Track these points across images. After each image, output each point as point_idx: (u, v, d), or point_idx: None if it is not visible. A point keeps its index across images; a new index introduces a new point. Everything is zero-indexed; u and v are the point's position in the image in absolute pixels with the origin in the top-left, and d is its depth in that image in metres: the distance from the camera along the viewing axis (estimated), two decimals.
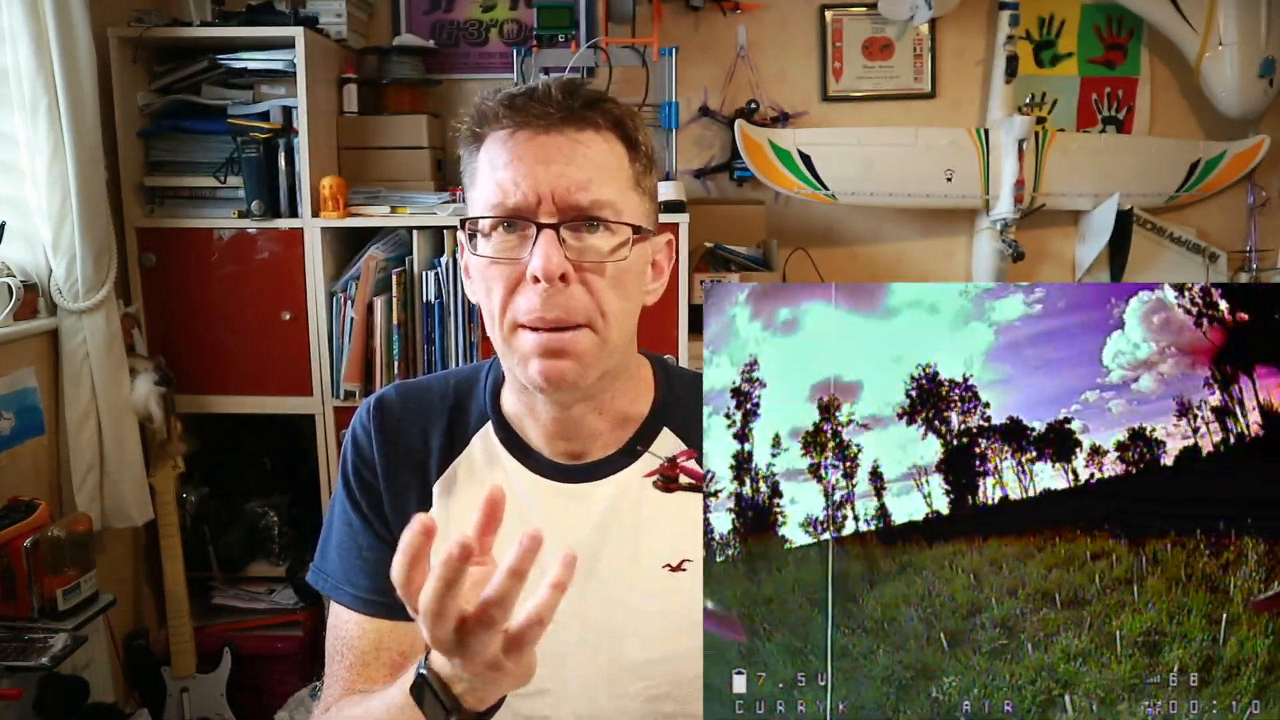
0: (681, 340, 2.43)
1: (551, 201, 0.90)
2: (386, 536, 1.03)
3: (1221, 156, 2.91)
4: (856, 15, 2.90)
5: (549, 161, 0.90)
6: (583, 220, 0.91)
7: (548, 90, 0.92)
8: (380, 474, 1.04)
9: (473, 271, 0.97)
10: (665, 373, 1.08)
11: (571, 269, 0.90)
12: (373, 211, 2.47)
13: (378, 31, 2.89)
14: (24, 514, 1.93)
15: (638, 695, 0.99)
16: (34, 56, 2.03)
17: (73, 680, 2.02)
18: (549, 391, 0.95)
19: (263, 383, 2.51)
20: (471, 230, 0.94)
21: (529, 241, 0.90)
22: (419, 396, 1.08)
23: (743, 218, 2.88)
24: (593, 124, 0.92)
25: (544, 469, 1.02)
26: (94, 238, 2.16)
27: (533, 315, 0.90)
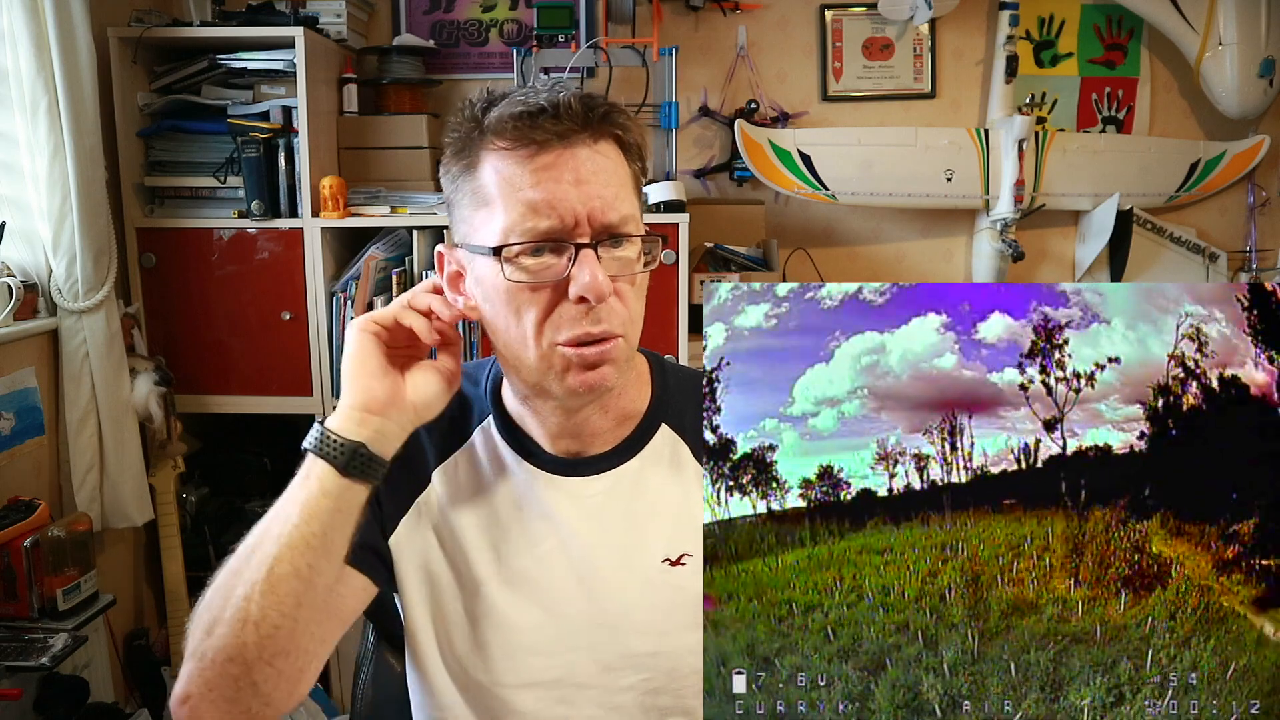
0: (681, 340, 2.44)
1: (587, 222, 0.89)
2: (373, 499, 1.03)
3: (1221, 156, 2.91)
4: (856, 15, 2.90)
5: (579, 182, 0.89)
6: (613, 237, 0.91)
7: (569, 105, 0.90)
8: None
9: (494, 295, 0.93)
10: (661, 369, 1.08)
11: (611, 285, 0.91)
12: (373, 211, 2.47)
13: (378, 31, 2.89)
14: (24, 514, 1.93)
15: (634, 688, 0.99)
16: (34, 57, 2.03)
17: (73, 680, 2.02)
18: (586, 399, 0.96)
19: (263, 383, 2.51)
20: (500, 254, 0.91)
21: (564, 261, 0.90)
22: None
23: (743, 218, 2.88)
24: (607, 135, 0.93)
25: (544, 463, 1.02)
26: (94, 238, 2.16)
27: (579, 332, 0.90)
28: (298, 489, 0.88)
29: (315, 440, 0.89)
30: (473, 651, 1.00)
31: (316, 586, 0.86)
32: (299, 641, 0.86)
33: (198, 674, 0.84)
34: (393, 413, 0.91)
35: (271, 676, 0.84)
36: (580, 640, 0.99)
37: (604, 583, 0.99)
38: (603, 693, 0.99)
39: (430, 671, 1.02)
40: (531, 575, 1.00)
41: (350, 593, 0.97)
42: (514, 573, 1.00)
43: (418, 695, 1.06)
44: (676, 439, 1.04)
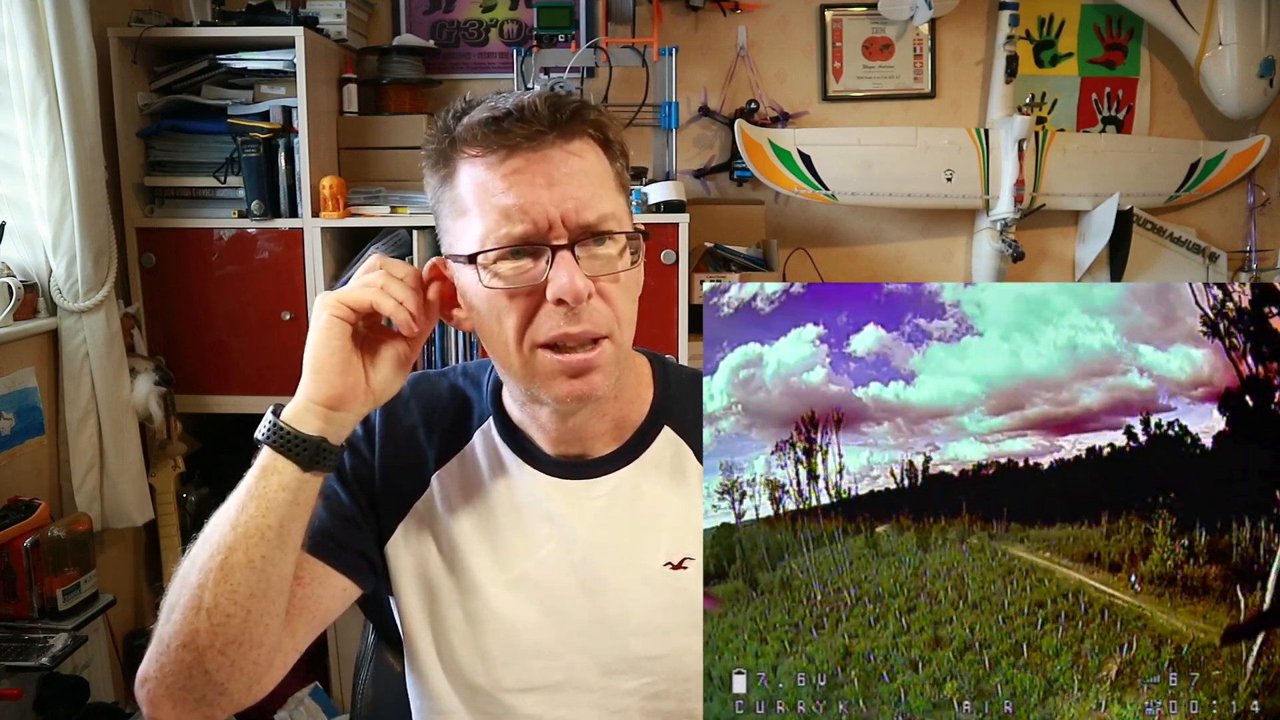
0: (681, 340, 2.44)
1: (562, 224, 0.89)
2: (361, 505, 1.02)
3: (1221, 156, 2.91)
4: (856, 15, 2.90)
5: (551, 184, 0.88)
6: (592, 236, 0.90)
7: (534, 107, 0.89)
8: (380, 450, 1.04)
9: (474, 302, 0.93)
10: (663, 370, 1.08)
11: (592, 285, 0.90)
12: (373, 211, 2.47)
13: (378, 31, 2.89)
14: (24, 514, 1.93)
15: (636, 691, 0.99)
16: (34, 57, 2.03)
17: (73, 680, 2.02)
18: (576, 407, 0.95)
19: (263, 383, 2.50)
20: (476, 262, 0.90)
21: (541, 265, 0.89)
22: (428, 388, 1.08)
23: (743, 218, 2.88)
24: (580, 134, 0.91)
25: (545, 466, 1.02)
26: (94, 238, 2.16)
27: (558, 333, 0.89)
28: (255, 481, 0.89)
29: (272, 434, 0.89)
30: (473, 655, 1.00)
31: (270, 577, 0.87)
32: (252, 632, 0.86)
33: (155, 658, 0.87)
34: (354, 404, 0.92)
35: (224, 665, 0.86)
36: (581, 643, 0.99)
37: (605, 586, 0.99)
38: (604, 696, 0.99)
39: (430, 676, 1.02)
40: (532, 578, 1.00)
41: (328, 594, 0.97)
42: (515, 576, 1.00)
43: (417, 700, 1.06)
44: (679, 441, 1.04)
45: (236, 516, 0.88)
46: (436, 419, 1.06)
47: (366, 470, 1.03)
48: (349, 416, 0.92)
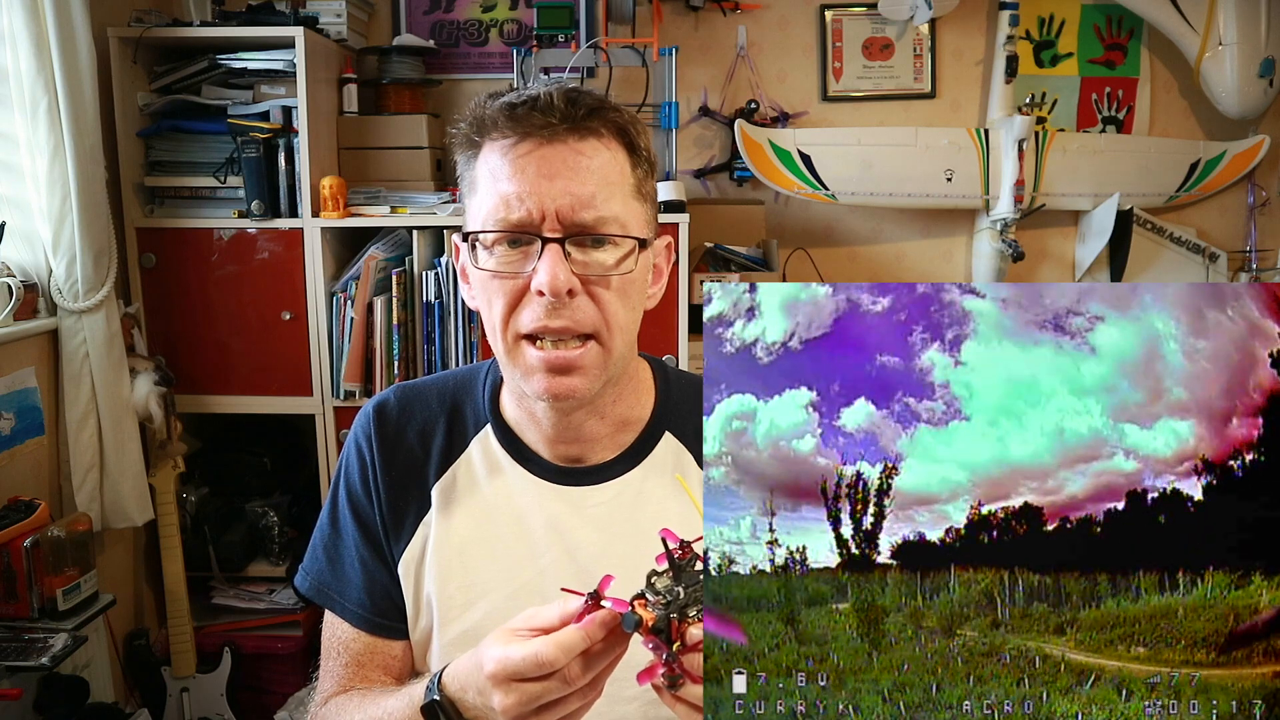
0: (681, 340, 2.43)
1: (556, 218, 0.89)
2: (378, 546, 1.04)
3: (1221, 156, 2.91)
4: (856, 15, 2.90)
5: (553, 176, 0.89)
6: (588, 236, 0.90)
7: (550, 99, 0.89)
8: (379, 482, 1.04)
9: (473, 282, 0.96)
10: (665, 376, 1.07)
11: (578, 283, 0.89)
12: (373, 211, 2.47)
13: (378, 31, 2.89)
14: (24, 514, 1.93)
15: (638, 698, 0.98)
16: (34, 57, 2.03)
17: (73, 680, 2.02)
18: (557, 406, 0.95)
19: (263, 383, 2.51)
20: (472, 241, 0.93)
21: (532, 255, 0.89)
22: (418, 401, 1.07)
23: (743, 218, 2.88)
24: (595, 133, 0.91)
25: (544, 472, 1.02)
26: (94, 238, 2.16)
27: (538, 324, 0.90)
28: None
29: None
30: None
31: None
32: None
33: None
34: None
35: None
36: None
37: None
38: (606, 702, 0.98)
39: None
40: (535, 586, 1.00)
41: (403, 656, 1.03)
42: (517, 584, 1.00)
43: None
44: (680, 448, 1.03)
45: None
46: (430, 432, 1.05)
47: (373, 505, 1.04)
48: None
